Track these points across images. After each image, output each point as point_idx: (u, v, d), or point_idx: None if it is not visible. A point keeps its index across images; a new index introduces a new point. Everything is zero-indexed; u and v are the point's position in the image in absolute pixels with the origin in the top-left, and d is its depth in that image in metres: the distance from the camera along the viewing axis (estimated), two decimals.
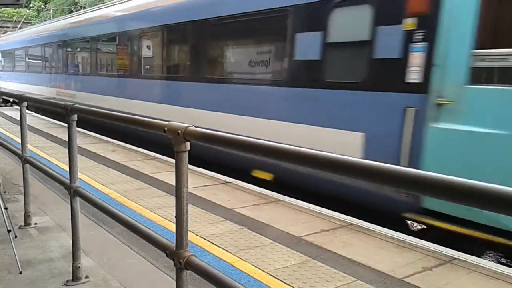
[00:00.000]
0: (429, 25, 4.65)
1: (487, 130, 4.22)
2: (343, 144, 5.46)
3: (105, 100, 11.52)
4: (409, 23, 4.83)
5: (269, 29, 6.86)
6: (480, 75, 4.45)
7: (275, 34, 6.75)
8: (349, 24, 5.64)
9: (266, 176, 6.81)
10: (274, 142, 1.73)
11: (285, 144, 1.66)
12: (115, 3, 12.50)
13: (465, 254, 3.93)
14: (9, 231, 3.88)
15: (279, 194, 5.86)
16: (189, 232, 2.11)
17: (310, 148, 1.59)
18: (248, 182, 6.55)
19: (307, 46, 6.11)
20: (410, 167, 2.71)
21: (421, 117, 4.69)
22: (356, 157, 1.45)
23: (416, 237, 4.44)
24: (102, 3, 18.80)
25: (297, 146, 1.61)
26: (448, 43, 4.54)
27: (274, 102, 6.69)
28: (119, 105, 10.63)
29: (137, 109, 9.51)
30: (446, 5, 4.54)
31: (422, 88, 4.70)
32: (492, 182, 1.08)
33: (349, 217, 4.95)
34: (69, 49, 14.57)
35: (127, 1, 11.40)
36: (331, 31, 5.78)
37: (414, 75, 4.78)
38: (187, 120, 6.41)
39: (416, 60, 4.77)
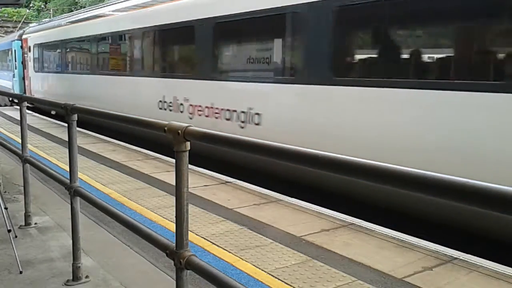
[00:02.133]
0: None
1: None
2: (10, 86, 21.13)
3: None
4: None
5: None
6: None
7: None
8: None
9: None
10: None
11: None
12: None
13: (465, 254, 3.94)
14: (9, 231, 3.88)
15: (279, 194, 5.86)
16: (189, 232, 2.12)
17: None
18: None
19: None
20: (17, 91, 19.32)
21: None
22: (10, 90, 20.78)
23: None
24: (102, 3, 18.82)
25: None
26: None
27: None
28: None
29: None
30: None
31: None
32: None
33: (349, 217, 4.94)
34: None
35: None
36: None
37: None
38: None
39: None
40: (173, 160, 2.07)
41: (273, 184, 6.23)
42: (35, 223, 4.66)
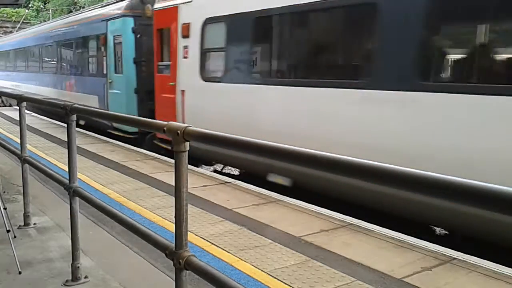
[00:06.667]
0: None
1: (116, 91, 11.26)
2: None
3: None
4: None
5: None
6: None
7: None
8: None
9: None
10: None
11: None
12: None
13: (464, 254, 3.94)
14: (8, 231, 3.87)
15: (278, 194, 5.86)
16: (188, 232, 2.11)
17: None
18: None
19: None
20: (106, 107, 11.78)
21: (107, 86, 11.62)
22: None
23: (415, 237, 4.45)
24: (101, 3, 18.81)
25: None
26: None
27: None
28: None
29: None
30: None
31: (105, 75, 11.85)
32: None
33: (348, 217, 4.95)
34: None
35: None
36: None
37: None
38: None
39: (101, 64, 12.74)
40: (172, 161, 2.07)
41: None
42: (34, 223, 4.66)
